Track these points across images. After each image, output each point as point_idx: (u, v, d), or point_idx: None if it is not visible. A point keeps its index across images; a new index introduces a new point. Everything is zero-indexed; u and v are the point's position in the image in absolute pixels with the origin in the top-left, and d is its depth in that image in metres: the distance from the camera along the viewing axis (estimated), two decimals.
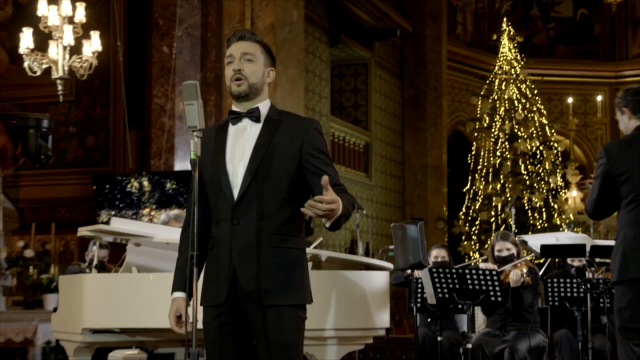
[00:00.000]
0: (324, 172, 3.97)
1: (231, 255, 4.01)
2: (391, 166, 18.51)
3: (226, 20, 13.14)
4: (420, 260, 6.42)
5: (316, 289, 5.91)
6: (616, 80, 21.14)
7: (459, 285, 7.96)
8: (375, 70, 17.91)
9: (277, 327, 3.99)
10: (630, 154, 5.75)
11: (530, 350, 7.91)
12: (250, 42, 4.15)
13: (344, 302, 5.99)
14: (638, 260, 5.57)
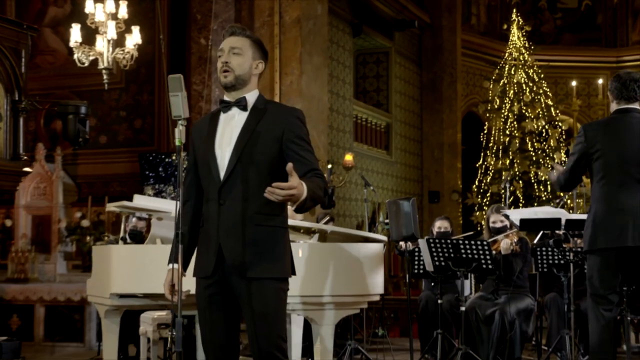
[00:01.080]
0: (303, 157, 4.03)
1: (218, 232, 4.01)
2: (410, 144, 18.44)
3: (257, 14, 13.11)
4: (412, 232, 6.37)
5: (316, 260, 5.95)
6: (617, 65, 20.91)
7: (453, 254, 7.89)
8: (396, 57, 17.83)
9: (259, 298, 3.98)
10: (605, 134, 5.70)
11: (519, 313, 7.84)
12: (239, 37, 4.15)
13: (340, 271, 5.97)
14: (606, 232, 5.52)
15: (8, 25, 7.67)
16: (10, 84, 7.62)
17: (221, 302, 4.05)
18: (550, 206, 7.53)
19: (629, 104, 5.72)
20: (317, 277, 5.91)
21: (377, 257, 6.27)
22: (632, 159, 5.54)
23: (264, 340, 3.99)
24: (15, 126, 7.65)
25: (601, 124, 5.85)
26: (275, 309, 4.02)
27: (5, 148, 7.59)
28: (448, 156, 18.74)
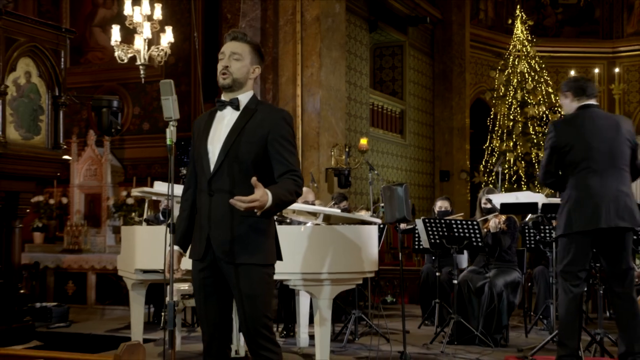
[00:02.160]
0: (284, 157, 3.99)
1: (209, 222, 4.00)
2: (423, 128, 18.34)
3: (281, 13, 13.03)
4: (405, 215, 6.29)
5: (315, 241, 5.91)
6: (613, 55, 20.76)
7: (447, 233, 7.83)
8: (409, 50, 17.71)
9: (246, 282, 3.96)
10: (572, 129, 5.67)
11: (506, 285, 7.78)
12: (240, 43, 4.11)
13: (337, 251, 5.95)
14: (579, 217, 5.48)
15: (48, 29, 7.65)
16: (51, 81, 7.61)
17: (213, 285, 4.04)
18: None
19: (589, 100, 5.70)
20: (316, 256, 5.89)
21: (371, 238, 6.23)
22: (600, 148, 5.52)
23: (251, 319, 3.97)
24: (55, 119, 7.65)
25: (568, 119, 5.76)
26: (261, 291, 3.98)
27: (47, 138, 7.59)
28: (457, 139, 18.61)
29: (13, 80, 7.29)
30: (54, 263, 11.02)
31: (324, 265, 5.85)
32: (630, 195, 5.52)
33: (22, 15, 7.78)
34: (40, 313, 9.54)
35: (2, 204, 7.46)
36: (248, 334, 3.99)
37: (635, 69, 20.57)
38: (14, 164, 7.30)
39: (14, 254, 7.71)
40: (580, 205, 5.45)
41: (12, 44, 7.20)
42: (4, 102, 7.16)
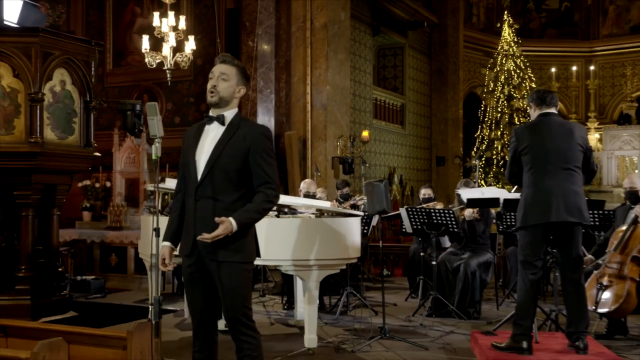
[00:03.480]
0: (262, 169, 3.95)
1: (194, 224, 3.96)
2: (421, 120, 18.22)
3: (293, 21, 12.98)
4: (384, 207, 6.21)
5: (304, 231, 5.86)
6: (589, 54, 20.52)
7: (426, 220, 7.77)
8: (409, 51, 17.59)
9: (228, 277, 3.93)
10: (532, 134, 5.60)
11: (479, 265, 7.72)
12: (228, 65, 4.07)
13: (324, 240, 5.90)
14: (534, 212, 5.41)
15: (80, 43, 7.64)
16: (83, 88, 7.60)
17: (199, 279, 4.01)
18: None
19: (549, 109, 5.61)
20: (305, 245, 5.85)
21: (355, 229, 6.15)
22: (553, 152, 5.44)
23: (232, 309, 3.95)
24: (87, 121, 7.65)
25: (528, 126, 5.70)
26: (241, 285, 3.95)
27: (80, 138, 7.58)
28: (452, 128, 18.48)
29: (50, 88, 7.28)
30: (99, 238, 11.09)
31: (311, 252, 5.81)
32: (580, 193, 5.43)
33: (57, 32, 7.77)
34: (80, 285, 9.59)
35: (41, 195, 7.48)
36: (230, 322, 3.97)
37: (609, 67, 20.28)
38: (51, 161, 7.31)
39: (53, 237, 7.75)
40: (534, 201, 5.38)
41: (48, 57, 7.18)
42: (42, 107, 7.15)
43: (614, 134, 16.74)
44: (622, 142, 16.49)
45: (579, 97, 20.04)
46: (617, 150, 16.51)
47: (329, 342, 6.42)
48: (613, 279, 6.23)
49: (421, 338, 6.61)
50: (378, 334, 6.42)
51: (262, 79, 12.67)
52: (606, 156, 16.66)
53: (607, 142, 16.73)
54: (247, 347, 3.98)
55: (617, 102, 19.71)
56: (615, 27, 20.26)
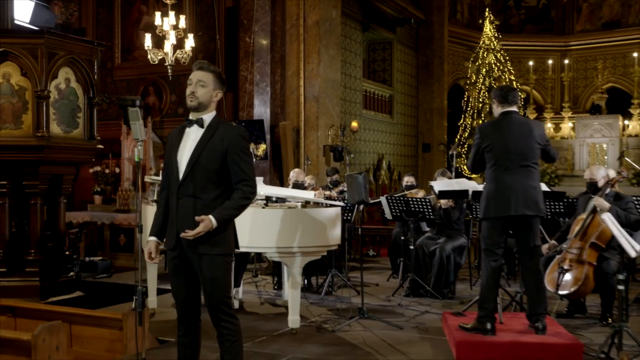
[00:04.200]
0: (240, 168, 3.93)
1: (177, 220, 3.96)
2: (408, 109, 18.16)
3: (287, 19, 12.90)
4: (363, 198, 6.19)
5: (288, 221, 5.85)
6: (564, 49, 20.40)
7: (405, 208, 7.76)
8: (397, 46, 17.47)
9: (209, 268, 3.94)
10: (494, 132, 5.56)
11: (454, 249, 7.71)
12: (205, 72, 4.04)
13: (306, 229, 5.90)
14: (495, 205, 5.40)
15: (83, 43, 7.60)
16: (87, 85, 7.57)
17: (182, 270, 4.01)
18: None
19: (510, 107, 5.56)
20: (289, 234, 5.85)
21: (335, 218, 6.15)
22: (513, 151, 5.41)
23: (213, 298, 3.96)
24: (90, 116, 7.62)
25: (491, 124, 5.65)
26: (221, 276, 3.96)
27: (84, 131, 7.56)
28: (437, 117, 18.41)
29: (55, 86, 7.26)
30: (109, 220, 11.10)
31: (294, 240, 5.81)
32: (537, 188, 5.42)
33: (62, 34, 7.70)
34: (88, 266, 9.61)
35: (49, 184, 7.48)
36: (211, 309, 3.98)
37: (582, 60, 20.18)
38: (57, 153, 7.30)
39: (60, 223, 7.75)
40: (496, 196, 5.37)
41: (53, 57, 7.15)
42: (48, 103, 7.13)
43: (586, 123, 16.67)
44: (593, 131, 16.42)
45: (554, 89, 19.96)
46: (589, 137, 16.45)
47: (312, 322, 6.44)
48: (573, 264, 6.23)
49: (397, 318, 6.63)
50: (357, 314, 6.43)
51: (258, 72, 12.60)
52: (578, 143, 16.60)
53: (579, 130, 16.66)
54: (227, 332, 4.00)
55: (589, 94, 19.63)
56: (588, 24, 20.13)
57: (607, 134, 16.24)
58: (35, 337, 4.84)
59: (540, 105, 19.36)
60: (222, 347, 4.02)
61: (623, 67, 19.12)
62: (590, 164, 16.22)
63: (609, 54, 19.55)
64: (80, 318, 5.67)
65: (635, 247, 4.99)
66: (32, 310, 5.99)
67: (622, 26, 19.43)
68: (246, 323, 6.39)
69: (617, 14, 19.56)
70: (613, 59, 19.51)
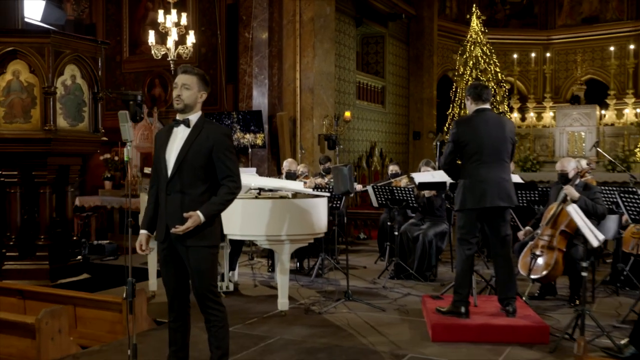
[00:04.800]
0: (225, 165, 3.93)
1: (166, 214, 3.97)
2: (399, 100, 18.03)
3: (284, 15, 12.78)
4: (348, 189, 6.18)
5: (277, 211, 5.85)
6: (546, 42, 20.21)
7: (390, 196, 7.76)
8: (389, 39, 17.31)
9: (196, 259, 3.95)
10: (469, 128, 5.51)
11: (436, 234, 7.72)
12: (189, 75, 4.02)
13: (293, 219, 5.90)
14: (470, 197, 5.38)
15: (88, 42, 7.57)
16: (92, 81, 7.56)
17: (172, 261, 4.02)
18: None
19: (484, 104, 5.51)
20: (277, 223, 5.85)
21: (321, 208, 6.14)
22: (488, 146, 5.38)
23: (200, 287, 3.97)
24: (95, 109, 7.62)
25: (467, 120, 5.60)
26: (207, 267, 3.97)
27: (89, 125, 7.57)
28: (427, 107, 18.29)
29: (61, 82, 7.25)
30: (118, 204, 11.10)
31: (282, 229, 5.81)
32: (510, 181, 5.41)
33: (67, 33, 7.71)
34: (96, 249, 9.65)
35: (56, 174, 7.49)
36: (198, 298, 4.00)
37: (563, 53, 20.00)
38: (64, 145, 7.31)
39: (67, 210, 7.78)
40: (471, 188, 5.35)
41: (59, 55, 7.14)
42: (55, 99, 7.13)
43: (566, 112, 16.58)
44: (572, 120, 16.35)
45: (537, 80, 19.80)
46: (568, 126, 16.38)
47: (301, 304, 6.45)
48: (544, 249, 6.24)
49: (381, 300, 6.64)
50: (343, 297, 6.45)
51: (257, 66, 12.55)
52: (558, 132, 16.54)
53: (559, 119, 16.59)
54: (213, 318, 4.02)
55: (569, 85, 19.49)
56: (569, 19, 19.93)
57: (585, 123, 16.18)
58: (39, 321, 4.88)
59: (523, 96, 19.26)
60: (209, 332, 4.05)
61: (601, 59, 18.98)
62: (569, 151, 16.19)
63: (588, 47, 19.39)
64: (84, 301, 5.71)
65: (598, 237, 4.99)
66: (40, 293, 6.02)
67: (600, 21, 19.26)
68: (239, 305, 6.44)
69: (596, 10, 19.38)
70: (592, 52, 19.36)
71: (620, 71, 17.83)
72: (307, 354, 4.81)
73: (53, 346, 4.91)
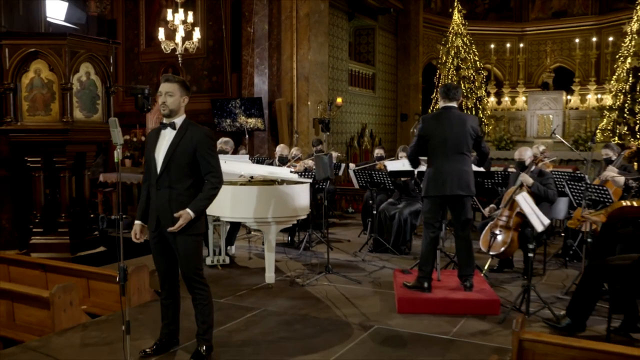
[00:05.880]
0: (208, 163, 3.98)
1: (157, 207, 4.03)
2: (388, 85, 17.94)
3: (282, 11, 12.67)
4: (328, 175, 6.19)
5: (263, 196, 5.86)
6: (521, 34, 19.99)
7: (369, 179, 7.76)
8: (379, 31, 17.17)
9: (182, 245, 4.01)
10: (435, 123, 5.49)
11: (410, 213, 7.72)
12: (171, 83, 4.05)
13: (278, 203, 5.91)
14: (433, 186, 5.40)
15: (100, 43, 7.51)
16: (104, 77, 7.52)
17: (162, 248, 4.10)
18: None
19: (450, 103, 5.48)
20: (264, 206, 5.87)
21: (303, 193, 6.15)
22: (450, 140, 5.37)
23: (187, 270, 4.04)
24: (108, 102, 7.58)
25: (433, 116, 5.58)
26: (193, 253, 4.04)
27: (102, 116, 7.54)
28: (413, 92, 18.20)
29: (77, 79, 7.22)
30: (137, 180, 11.12)
31: (268, 212, 5.83)
32: (469, 172, 5.39)
33: (82, 35, 7.64)
34: (113, 223, 9.69)
35: (74, 160, 7.51)
36: (185, 279, 4.08)
37: (535, 43, 19.78)
38: (80, 134, 7.30)
39: (85, 191, 7.78)
40: (434, 178, 5.36)
41: (75, 54, 7.10)
42: (71, 94, 7.11)
43: (536, 97, 16.48)
44: (542, 104, 16.25)
45: (512, 67, 19.61)
46: (538, 110, 16.29)
47: (287, 276, 6.48)
48: (502, 229, 6.27)
49: (359, 272, 6.67)
50: (324, 270, 6.50)
51: (258, 57, 12.48)
52: (530, 114, 16.46)
53: (531, 103, 16.49)
54: (199, 297, 4.09)
55: (540, 72, 19.31)
56: (540, 13, 19.66)
57: (553, 107, 16.10)
58: (53, 295, 4.95)
59: (499, 81, 19.13)
60: (196, 309, 4.12)
61: (568, 50, 18.77)
62: (539, 132, 16.14)
63: (557, 38, 19.18)
64: (95, 275, 5.77)
65: (543, 222, 5.02)
66: (59, 267, 6.08)
67: (568, 15, 19.04)
68: (233, 277, 6.49)
69: (565, 5, 19.11)
70: (560, 43, 19.15)
71: (585, 60, 17.67)
72: (286, 325, 4.87)
73: (65, 316, 4.99)
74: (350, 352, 4.29)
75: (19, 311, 5.24)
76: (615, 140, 14.34)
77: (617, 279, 4.41)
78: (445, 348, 4.39)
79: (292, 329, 4.78)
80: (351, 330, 4.78)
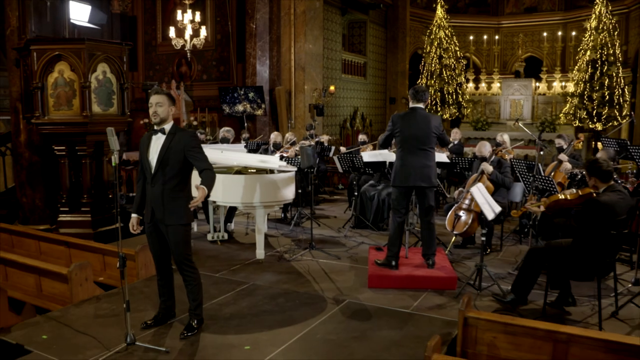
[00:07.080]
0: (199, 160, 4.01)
1: (151, 201, 4.08)
2: (378, 72, 17.80)
3: (282, 9, 12.55)
4: (311, 164, 6.21)
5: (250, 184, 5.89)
6: (497, 26, 19.67)
7: (351, 164, 7.76)
8: (370, 24, 16.97)
9: (173, 234, 4.08)
10: (403, 121, 5.47)
11: (388, 194, 7.71)
12: (160, 95, 4.10)
13: (264, 189, 5.93)
14: (400, 177, 5.42)
15: (115, 45, 7.47)
16: (119, 75, 7.50)
17: (156, 236, 4.17)
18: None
19: (418, 104, 5.45)
20: (252, 193, 5.90)
21: (289, 180, 6.16)
22: (415, 137, 5.35)
23: (177, 255, 4.12)
24: (122, 97, 7.57)
25: (402, 115, 5.54)
26: (182, 240, 4.10)
27: (117, 109, 7.54)
28: (400, 78, 18.05)
29: (95, 77, 7.21)
30: None
31: (255, 197, 5.87)
32: (432, 166, 5.38)
33: (98, 39, 7.58)
34: (131, 199, 9.74)
35: (94, 148, 7.55)
36: (177, 264, 4.17)
37: (510, 35, 19.48)
38: (98, 126, 7.31)
39: (104, 175, 7.83)
40: (400, 170, 5.38)
41: (92, 56, 7.09)
42: (90, 91, 7.11)
43: (509, 83, 16.31)
44: (514, 90, 16.09)
45: (489, 57, 19.34)
46: (511, 95, 16.14)
47: (277, 252, 6.50)
48: (465, 211, 6.31)
49: (339, 248, 6.69)
50: (308, 246, 6.55)
51: (260, 50, 12.37)
52: (503, 99, 16.32)
53: (504, 89, 16.34)
54: (189, 278, 4.18)
55: (513, 61, 19.04)
56: (514, 8, 19.32)
57: (523, 92, 15.95)
58: (70, 272, 5.06)
59: (478, 69, 18.89)
60: (187, 289, 4.22)
61: (538, 41, 18.48)
62: (511, 114, 16.01)
63: (528, 31, 18.88)
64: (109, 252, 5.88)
65: (495, 210, 5.05)
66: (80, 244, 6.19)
67: (538, 11, 18.75)
68: (229, 252, 6.55)
69: (535, 1, 18.79)
70: (531, 35, 18.85)
71: (552, 51, 17.45)
72: (270, 299, 4.96)
73: (82, 290, 5.11)
74: (321, 325, 4.38)
75: (45, 284, 5.37)
76: (576, 123, 14.26)
77: (554, 261, 4.47)
78: (404, 321, 4.47)
79: (275, 303, 4.86)
80: (325, 304, 4.86)
